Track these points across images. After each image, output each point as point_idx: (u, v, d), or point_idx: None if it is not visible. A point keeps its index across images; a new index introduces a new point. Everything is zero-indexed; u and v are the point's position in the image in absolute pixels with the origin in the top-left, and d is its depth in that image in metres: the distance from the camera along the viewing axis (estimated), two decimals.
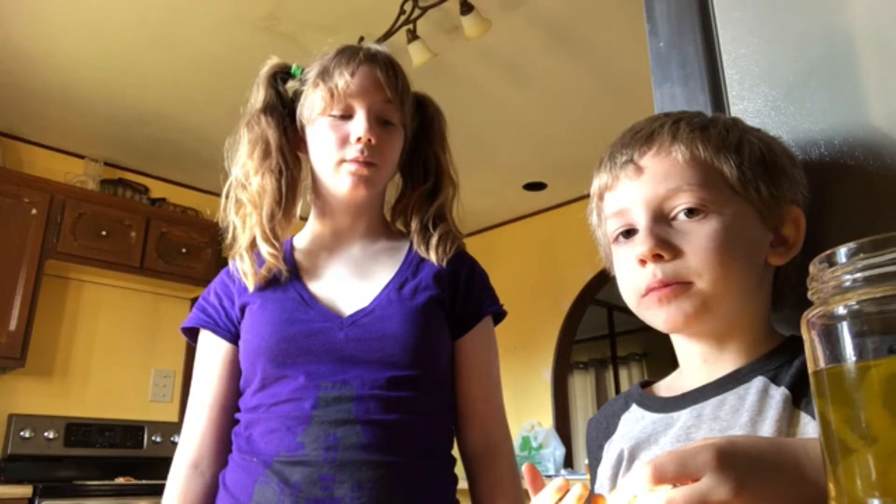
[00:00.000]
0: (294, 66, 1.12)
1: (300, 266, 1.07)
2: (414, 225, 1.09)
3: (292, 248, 1.10)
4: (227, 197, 1.08)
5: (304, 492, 0.89)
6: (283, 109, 1.09)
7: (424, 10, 2.44)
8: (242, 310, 1.04)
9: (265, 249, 1.03)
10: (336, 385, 0.94)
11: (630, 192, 0.63)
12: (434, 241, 1.06)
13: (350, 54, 1.05)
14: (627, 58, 2.81)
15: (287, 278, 1.04)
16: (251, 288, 1.03)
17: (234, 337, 1.05)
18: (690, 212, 0.60)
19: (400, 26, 2.51)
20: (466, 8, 2.40)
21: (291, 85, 1.11)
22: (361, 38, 2.65)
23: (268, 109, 1.08)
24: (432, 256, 1.05)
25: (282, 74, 1.12)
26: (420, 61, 2.51)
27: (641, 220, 0.61)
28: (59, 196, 3.31)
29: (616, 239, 0.65)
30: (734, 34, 0.79)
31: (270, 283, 1.03)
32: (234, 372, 1.05)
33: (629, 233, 0.63)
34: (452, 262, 1.06)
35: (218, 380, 1.04)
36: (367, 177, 1.01)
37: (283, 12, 2.62)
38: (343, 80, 1.02)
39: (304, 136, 1.08)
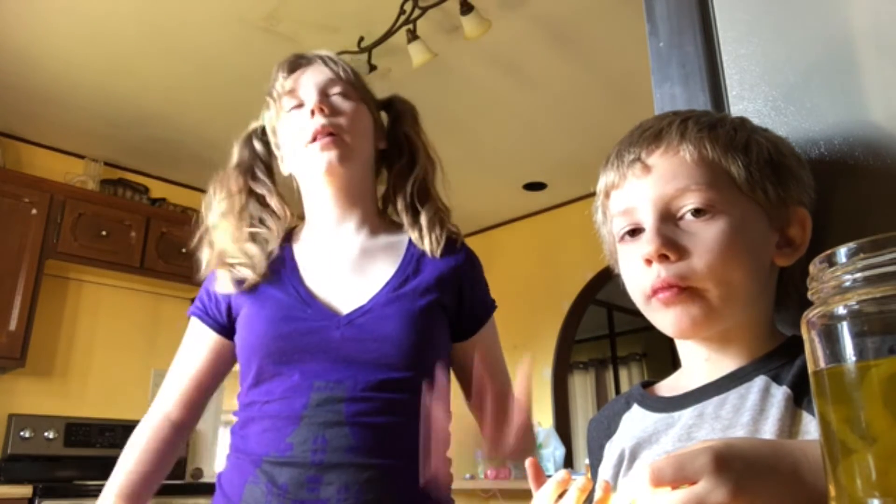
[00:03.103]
0: (260, 122, 1.15)
1: (298, 263, 1.07)
2: (400, 205, 1.09)
3: (291, 244, 1.10)
4: (200, 240, 1.11)
5: (290, 493, 0.90)
6: (254, 161, 1.12)
7: (424, 10, 2.44)
8: (238, 304, 1.05)
9: (236, 261, 1.04)
10: (329, 384, 0.94)
11: (637, 191, 0.63)
12: (424, 223, 1.06)
13: (283, 61, 1.10)
14: (627, 58, 2.81)
15: (285, 275, 1.04)
16: (240, 289, 1.05)
17: (220, 327, 1.06)
18: (697, 212, 0.60)
19: (400, 26, 2.51)
20: (466, 8, 2.40)
21: (262, 126, 1.14)
22: (361, 39, 2.65)
23: (236, 166, 1.12)
24: (426, 246, 1.05)
25: (258, 131, 1.15)
26: (420, 61, 2.51)
27: (648, 220, 0.61)
28: (59, 196, 3.31)
29: (622, 238, 0.65)
30: (734, 34, 0.79)
31: (268, 281, 1.04)
32: (215, 360, 1.07)
33: (635, 232, 0.63)
34: (452, 259, 1.05)
35: (198, 362, 1.07)
36: (335, 150, 1.01)
37: (283, 12, 2.62)
38: (282, 77, 1.07)
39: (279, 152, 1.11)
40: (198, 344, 1.08)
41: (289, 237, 1.11)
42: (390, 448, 0.93)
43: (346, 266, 1.05)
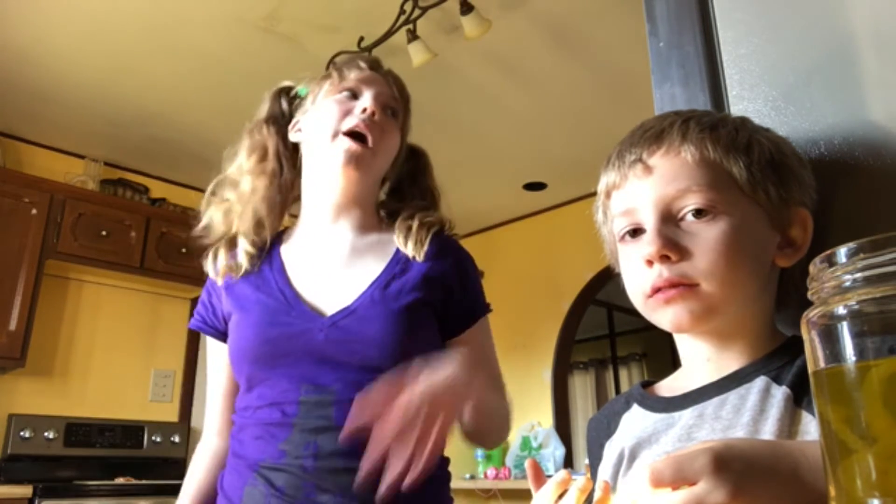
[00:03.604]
0: (301, 87, 1.16)
1: (285, 263, 1.07)
2: (399, 222, 1.09)
3: (280, 244, 1.10)
4: (213, 193, 1.11)
5: (288, 495, 0.90)
6: (283, 120, 1.14)
7: (424, 10, 2.44)
8: (229, 310, 1.06)
9: (243, 246, 1.05)
10: (318, 388, 0.94)
11: (638, 192, 0.63)
12: (415, 226, 1.05)
13: (358, 54, 1.15)
14: (627, 58, 2.81)
15: (272, 275, 1.04)
16: (220, 282, 1.06)
17: (222, 336, 1.08)
18: (699, 212, 0.59)
19: (400, 26, 2.51)
20: (466, 8, 2.40)
21: (297, 102, 1.15)
22: (361, 39, 2.65)
23: (269, 120, 1.13)
24: (410, 248, 1.03)
25: (289, 92, 1.16)
26: (420, 61, 2.51)
27: (649, 221, 0.61)
28: (59, 196, 3.31)
29: (623, 238, 0.65)
30: (734, 34, 0.79)
31: (254, 283, 1.04)
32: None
33: (636, 232, 0.63)
34: (441, 258, 1.04)
35: (224, 379, 1.09)
36: (360, 154, 1.03)
37: (284, 12, 2.62)
38: (354, 64, 1.09)
39: (302, 128, 1.11)
40: (216, 359, 1.10)
41: (279, 236, 1.11)
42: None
43: (335, 264, 1.05)
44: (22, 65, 2.94)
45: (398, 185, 1.17)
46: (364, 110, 1.04)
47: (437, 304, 1.02)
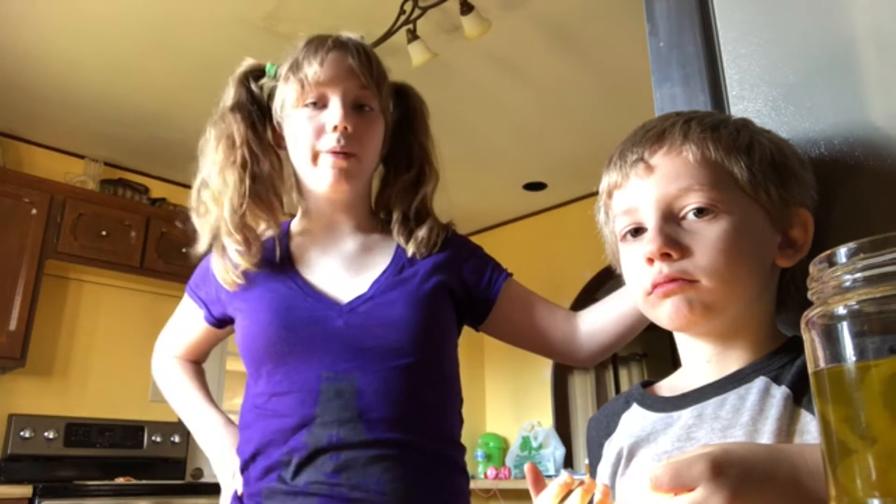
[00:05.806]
0: (268, 65, 1.10)
1: (294, 256, 1.05)
2: (395, 215, 1.06)
3: (289, 235, 1.08)
4: (195, 207, 1.07)
5: (311, 486, 0.91)
6: (252, 107, 1.06)
7: (424, 10, 2.44)
8: (234, 303, 1.04)
9: (232, 247, 0.99)
10: (338, 376, 0.93)
11: (640, 191, 0.63)
12: (421, 233, 1.03)
13: (318, 43, 1.02)
14: (627, 58, 2.81)
15: (282, 268, 1.02)
16: (238, 285, 1.01)
17: (211, 317, 1.10)
18: (700, 212, 0.60)
19: (400, 26, 2.51)
20: (466, 8, 2.40)
21: (266, 82, 1.08)
22: (361, 39, 2.65)
23: (235, 107, 1.05)
24: (411, 248, 1.02)
25: (255, 74, 1.10)
26: (420, 61, 2.51)
27: (651, 219, 0.61)
28: (59, 196, 3.31)
29: (624, 237, 0.65)
30: (734, 34, 0.79)
31: (263, 274, 1.01)
32: (208, 339, 1.16)
33: (637, 231, 0.63)
34: (445, 250, 1.04)
35: (193, 337, 1.17)
36: (346, 169, 0.97)
37: (283, 12, 2.62)
38: (312, 69, 0.98)
39: (282, 132, 1.06)
40: (191, 324, 1.15)
41: (285, 230, 1.09)
42: (404, 439, 0.93)
43: (344, 261, 1.04)
44: (22, 65, 2.94)
45: (389, 153, 1.09)
46: (334, 128, 0.96)
47: (457, 290, 1.02)
